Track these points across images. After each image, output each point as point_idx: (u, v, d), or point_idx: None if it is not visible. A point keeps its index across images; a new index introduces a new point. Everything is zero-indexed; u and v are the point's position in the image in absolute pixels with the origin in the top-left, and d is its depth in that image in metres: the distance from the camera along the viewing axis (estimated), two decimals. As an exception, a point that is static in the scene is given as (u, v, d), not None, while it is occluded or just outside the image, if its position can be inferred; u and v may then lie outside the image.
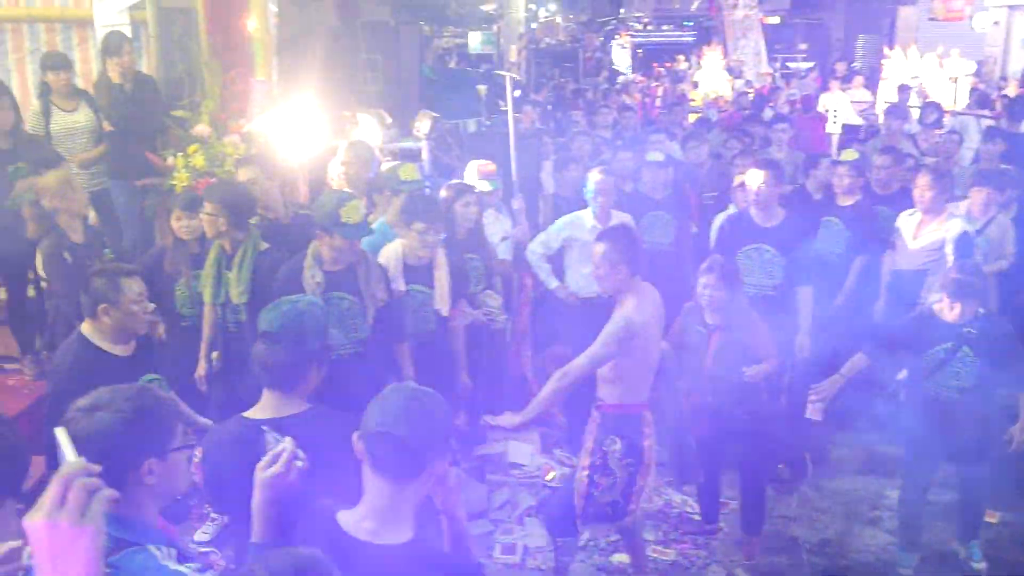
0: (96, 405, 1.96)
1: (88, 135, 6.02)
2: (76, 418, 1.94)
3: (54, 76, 5.86)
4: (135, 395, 2.01)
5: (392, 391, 2.12)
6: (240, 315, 4.51)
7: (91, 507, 1.40)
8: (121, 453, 1.91)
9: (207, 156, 5.84)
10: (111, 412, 1.95)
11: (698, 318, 4.67)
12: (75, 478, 1.40)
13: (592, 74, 19.74)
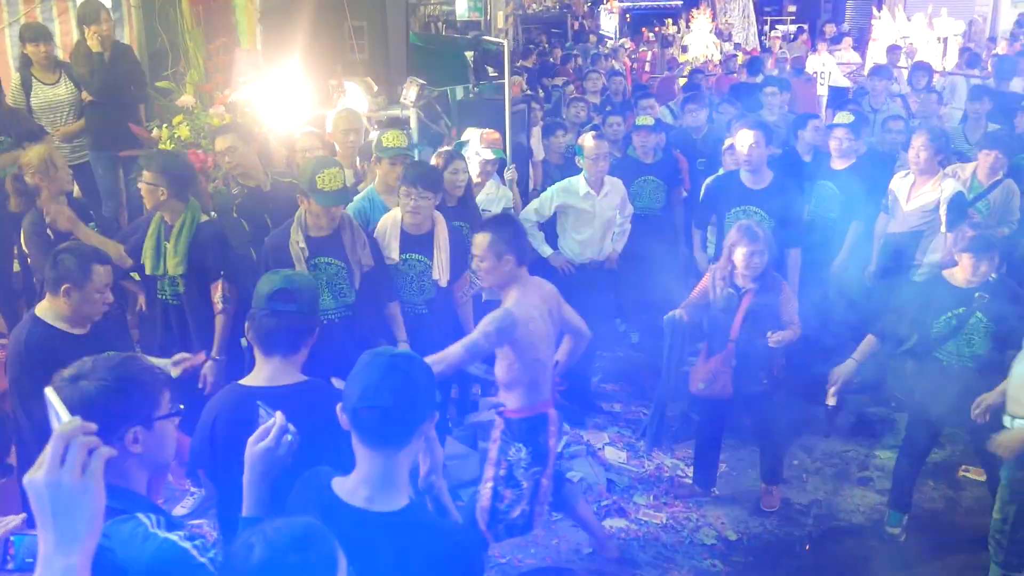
0: (79, 375, 1.96)
1: (70, 108, 5.95)
2: (60, 387, 1.92)
3: (34, 48, 5.78)
4: (119, 364, 2.00)
5: (370, 360, 2.08)
6: (178, 287, 4.48)
7: (91, 464, 1.41)
8: (105, 422, 1.87)
9: (192, 127, 5.77)
10: (93, 381, 1.95)
11: (728, 280, 4.70)
12: (74, 436, 1.40)
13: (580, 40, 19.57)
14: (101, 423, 1.86)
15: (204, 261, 4.38)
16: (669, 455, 5.64)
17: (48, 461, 1.38)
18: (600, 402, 6.28)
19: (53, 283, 3.51)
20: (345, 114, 5.64)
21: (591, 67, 11.21)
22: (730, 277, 4.72)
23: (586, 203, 5.83)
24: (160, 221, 4.47)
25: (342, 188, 4.17)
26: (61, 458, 1.38)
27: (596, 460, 5.46)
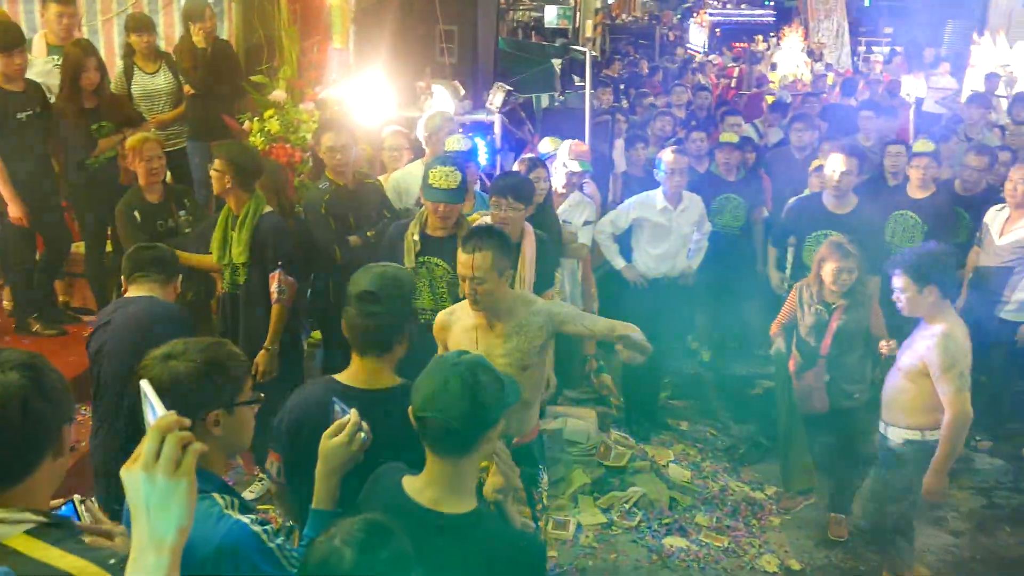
0: (171, 354, 2.03)
1: (167, 97, 6.14)
2: (150, 365, 2.00)
3: (137, 38, 5.98)
4: (208, 347, 2.06)
5: (435, 365, 2.09)
6: (239, 276, 4.56)
7: (184, 460, 1.43)
8: (191, 402, 1.96)
9: (282, 121, 5.92)
10: (184, 361, 2.01)
11: (817, 297, 4.70)
12: (170, 431, 1.43)
13: (668, 52, 19.45)
14: (187, 403, 1.93)
15: (264, 251, 4.49)
16: (735, 477, 5.56)
17: (144, 455, 1.41)
18: (667, 418, 6.22)
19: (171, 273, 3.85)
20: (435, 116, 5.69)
21: (677, 81, 11.14)
22: (819, 293, 4.70)
23: (662, 217, 5.79)
24: (228, 211, 4.60)
25: (450, 188, 4.05)
26: (157, 452, 1.41)
27: (660, 477, 5.40)
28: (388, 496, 2.10)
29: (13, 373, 1.59)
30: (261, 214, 4.52)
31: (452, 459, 2.05)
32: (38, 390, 1.61)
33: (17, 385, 1.58)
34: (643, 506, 5.06)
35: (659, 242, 5.87)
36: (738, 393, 6.67)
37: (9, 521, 1.57)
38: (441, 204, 4.08)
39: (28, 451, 1.62)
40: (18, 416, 1.58)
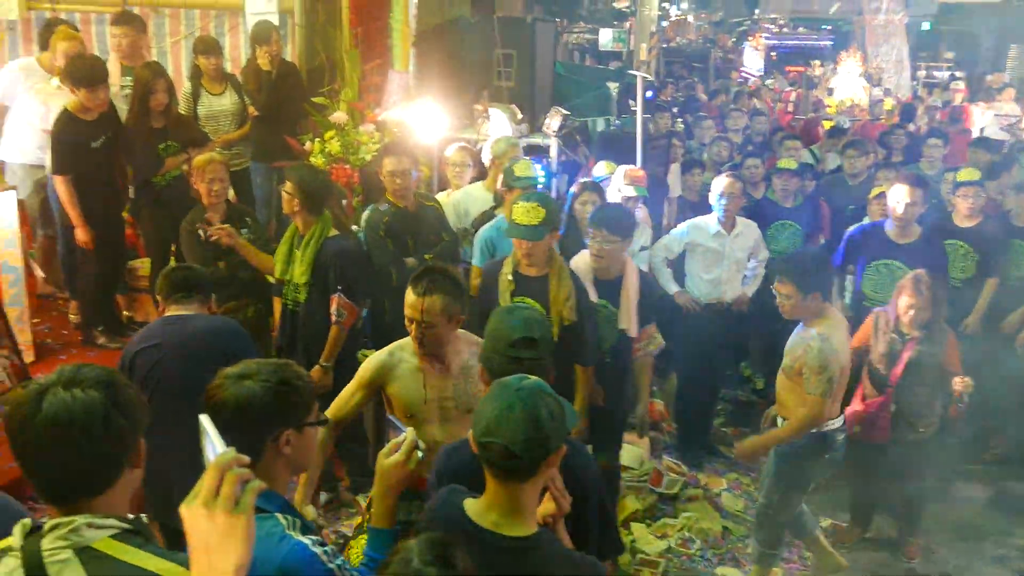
0: (244, 374, 2.07)
1: (232, 117, 6.30)
2: (224, 384, 2.05)
3: (205, 60, 6.15)
4: (279, 368, 2.11)
5: (497, 391, 2.08)
6: (300, 294, 4.62)
7: (243, 498, 1.44)
8: (264, 420, 2.02)
9: (342, 143, 6.03)
10: (258, 381, 2.06)
11: (891, 326, 4.68)
12: (229, 468, 1.44)
13: (723, 76, 19.37)
14: (261, 422, 1.98)
15: (326, 273, 4.55)
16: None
17: (204, 492, 1.43)
18: (720, 446, 6.16)
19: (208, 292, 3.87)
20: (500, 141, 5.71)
21: (733, 105, 11.08)
22: (895, 322, 4.66)
23: (715, 243, 5.76)
24: (295, 229, 4.67)
25: (530, 225, 3.90)
26: (216, 489, 1.43)
27: (713, 506, 5.34)
28: (451, 519, 2.12)
29: (93, 391, 1.66)
30: (327, 237, 4.59)
31: (514, 484, 2.06)
32: (117, 406, 1.68)
33: (99, 402, 1.65)
34: (697, 534, 5.00)
35: (712, 267, 5.83)
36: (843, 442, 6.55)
37: (96, 526, 1.66)
38: (523, 241, 3.97)
39: (110, 464, 1.70)
40: (100, 431, 1.65)
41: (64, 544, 1.63)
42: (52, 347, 5.71)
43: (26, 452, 1.66)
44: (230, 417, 2.00)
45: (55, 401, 1.63)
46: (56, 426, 1.62)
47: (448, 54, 7.36)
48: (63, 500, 1.69)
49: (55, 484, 1.69)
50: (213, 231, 4.82)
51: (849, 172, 7.19)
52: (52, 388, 1.65)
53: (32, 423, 1.63)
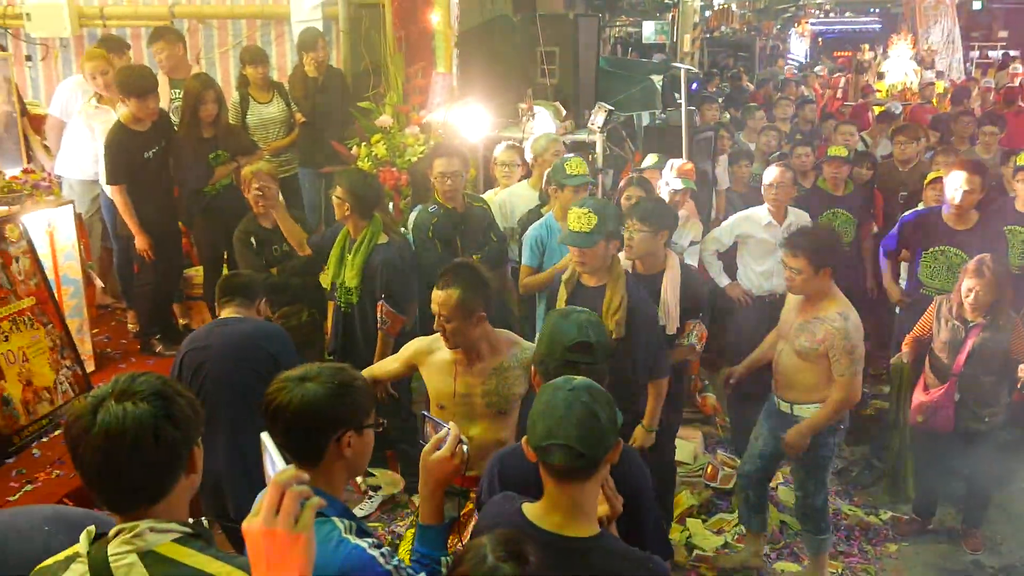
0: (305, 376, 2.07)
1: (280, 125, 6.38)
2: (286, 387, 2.05)
3: (252, 70, 6.24)
4: (339, 370, 2.12)
5: (552, 393, 2.08)
6: (352, 297, 4.69)
7: (303, 515, 1.45)
8: (327, 422, 2.03)
9: (388, 146, 6.08)
10: (320, 383, 2.06)
11: (955, 313, 4.61)
12: (288, 486, 1.45)
13: (769, 64, 19.10)
14: (323, 424, 2.00)
15: (373, 280, 4.62)
16: (847, 501, 5.40)
17: (264, 510, 1.44)
18: (775, 440, 6.07)
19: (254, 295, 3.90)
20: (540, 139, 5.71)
21: (780, 94, 10.93)
22: (958, 309, 4.59)
23: (767, 234, 5.69)
24: (346, 234, 4.74)
25: (581, 232, 3.86)
26: (276, 507, 1.44)
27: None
28: (511, 524, 2.11)
29: (144, 404, 1.69)
30: (376, 244, 4.64)
31: (576, 484, 2.06)
32: (169, 419, 1.71)
33: (149, 415, 1.69)
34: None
35: (764, 259, 5.76)
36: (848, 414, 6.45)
37: (159, 530, 1.71)
38: (576, 249, 3.93)
39: (163, 475, 1.74)
40: (151, 445, 1.68)
41: (129, 548, 1.68)
42: (112, 356, 5.84)
43: (84, 463, 1.70)
44: (292, 419, 2.02)
45: (107, 415, 1.67)
46: (109, 439, 1.66)
47: (491, 54, 7.37)
48: (123, 508, 1.74)
49: (113, 494, 1.74)
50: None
51: (900, 158, 7.06)
52: (106, 401, 1.69)
53: (88, 436, 1.67)
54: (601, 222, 3.82)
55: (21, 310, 4.78)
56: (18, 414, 4.62)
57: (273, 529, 1.42)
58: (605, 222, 3.84)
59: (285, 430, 2.03)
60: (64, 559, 1.77)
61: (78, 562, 1.73)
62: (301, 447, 2.05)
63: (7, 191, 4.86)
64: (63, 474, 4.36)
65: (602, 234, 3.84)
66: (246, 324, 3.91)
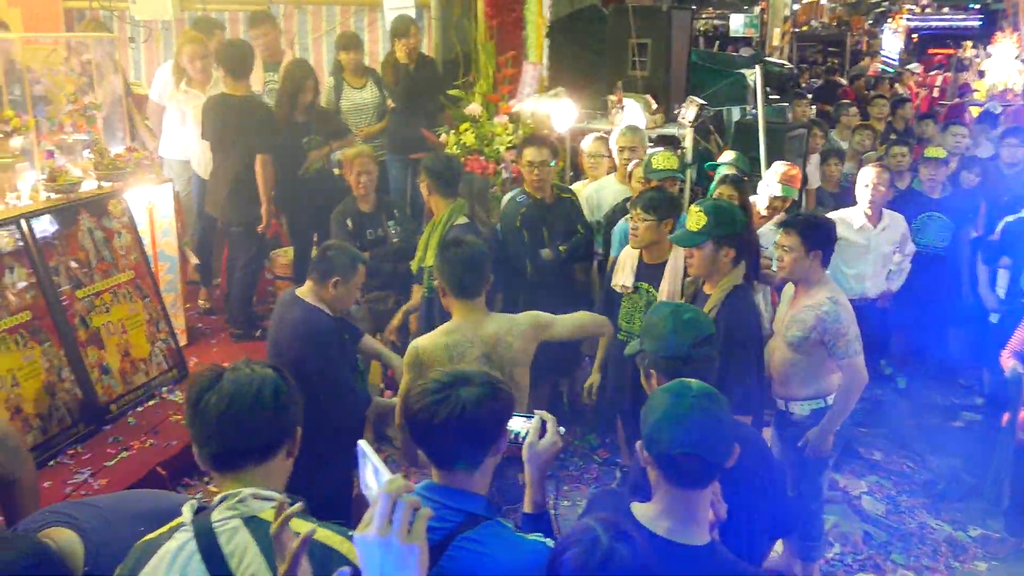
0: (455, 382, 1.99)
1: (373, 111, 6.47)
2: (445, 394, 1.96)
3: (346, 55, 6.33)
4: (478, 370, 2.07)
5: (674, 400, 2.04)
6: (434, 279, 4.66)
7: (416, 525, 1.42)
8: (488, 427, 2.00)
9: (477, 134, 6.10)
10: (476, 388, 1.99)
11: None
12: (399, 496, 1.42)
13: (858, 61, 18.59)
14: (497, 422, 2.00)
15: None
16: (934, 515, 5.24)
17: (377, 520, 1.41)
18: (858, 447, 5.94)
19: (324, 274, 3.76)
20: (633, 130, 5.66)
21: (874, 91, 10.64)
22: None
23: (860, 236, 5.55)
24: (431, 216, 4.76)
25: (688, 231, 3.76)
26: (389, 517, 1.41)
27: (852, 509, 5.17)
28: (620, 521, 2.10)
29: (270, 371, 1.90)
30: (453, 223, 4.65)
31: (695, 492, 2.04)
32: (288, 389, 1.91)
33: (273, 378, 1.89)
34: (836, 538, 4.85)
35: (856, 262, 5.63)
36: (938, 424, 6.28)
37: (261, 497, 1.80)
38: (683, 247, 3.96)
39: (272, 437, 1.88)
40: (271, 402, 1.85)
41: (233, 513, 1.77)
42: (203, 331, 6.01)
43: (206, 414, 1.83)
44: (467, 424, 1.94)
45: (236, 373, 1.87)
46: (237, 388, 1.83)
47: (580, 44, 7.33)
48: (230, 465, 1.85)
49: (224, 447, 1.84)
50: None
51: (1007, 161, 6.79)
52: (233, 368, 1.89)
53: (215, 387, 1.84)
54: (710, 224, 3.65)
55: (121, 283, 4.96)
56: (116, 383, 4.80)
57: (387, 540, 1.41)
58: (716, 225, 3.65)
59: (453, 437, 1.96)
60: (167, 530, 1.85)
61: (183, 531, 1.80)
62: (465, 453, 2.00)
63: (112, 168, 5.02)
64: (156, 443, 4.52)
65: (709, 235, 3.65)
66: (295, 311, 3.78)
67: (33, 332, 4.37)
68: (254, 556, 1.74)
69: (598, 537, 1.74)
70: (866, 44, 21.46)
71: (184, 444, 4.50)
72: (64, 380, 4.48)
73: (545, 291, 5.02)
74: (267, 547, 1.70)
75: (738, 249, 3.69)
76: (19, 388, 4.22)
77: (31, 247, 4.46)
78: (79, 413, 4.53)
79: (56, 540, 2.16)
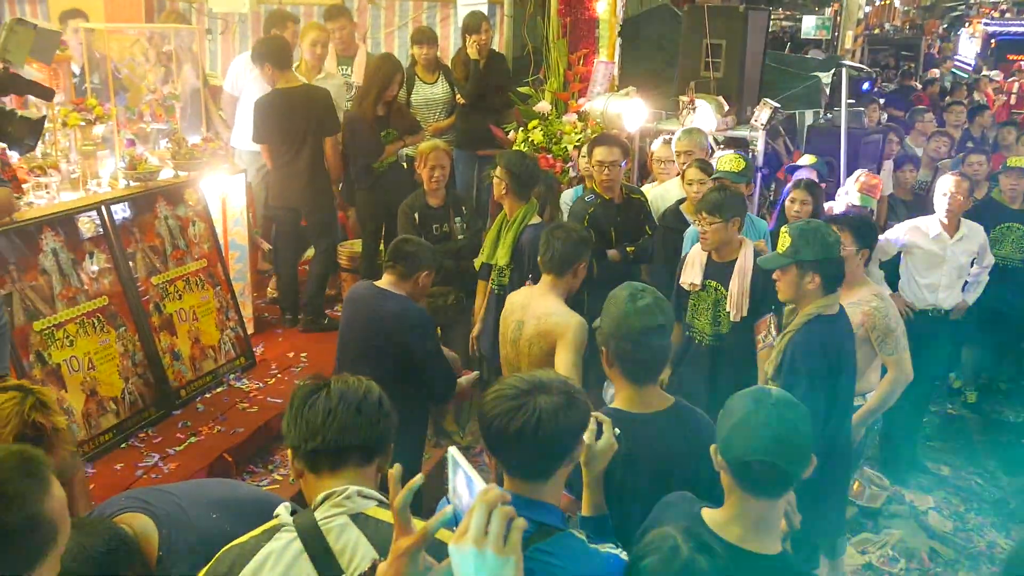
0: (532, 389, 1.92)
1: (443, 106, 6.49)
2: (522, 403, 1.89)
3: (420, 50, 6.37)
4: (555, 378, 1.98)
5: (753, 406, 2.00)
6: (504, 278, 4.70)
7: (511, 536, 1.40)
8: (564, 438, 1.92)
9: (545, 132, 6.09)
10: (554, 396, 1.91)
11: None
12: (495, 505, 1.40)
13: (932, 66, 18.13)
14: (572, 434, 1.93)
15: (522, 258, 4.62)
16: (1004, 534, 5.10)
17: (473, 529, 1.39)
18: (927, 461, 5.80)
19: (412, 268, 3.86)
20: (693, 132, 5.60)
21: (951, 98, 10.37)
22: None
23: (935, 245, 5.43)
24: (504, 215, 4.77)
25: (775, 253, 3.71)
26: (485, 527, 1.39)
27: (919, 524, 5.05)
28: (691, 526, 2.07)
29: (371, 382, 1.96)
30: (528, 223, 4.66)
31: (769, 500, 2.01)
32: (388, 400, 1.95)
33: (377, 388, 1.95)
34: (901, 553, 4.75)
35: (929, 271, 5.51)
36: (1009, 441, 6.11)
37: (366, 495, 1.83)
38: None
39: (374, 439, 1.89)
40: (375, 406, 1.90)
41: (340, 511, 1.78)
42: (269, 320, 6.10)
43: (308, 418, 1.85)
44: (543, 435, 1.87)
45: (342, 382, 1.91)
46: (345, 392, 1.88)
47: (652, 43, 7.27)
48: (329, 464, 1.85)
49: (328, 445, 1.84)
50: None
51: None
52: (338, 378, 1.93)
53: (320, 393, 1.88)
54: (794, 247, 3.51)
55: (194, 271, 5.05)
56: (186, 369, 4.89)
57: (483, 550, 1.38)
58: (800, 249, 3.49)
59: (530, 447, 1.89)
60: (263, 532, 1.83)
61: (284, 531, 1.79)
62: (540, 463, 1.94)
63: (189, 158, 5.12)
64: (224, 430, 4.58)
65: (792, 259, 3.52)
66: (387, 304, 3.86)
67: (109, 317, 4.47)
68: (366, 552, 1.73)
69: (678, 547, 1.73)
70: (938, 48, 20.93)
71: (250, 432, 4.57)
72: (138, 365, 4.58)
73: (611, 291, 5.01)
74: (379, 543, 1.71)
75: (827, 276, 3.50)
76: (95, 371, 4.33)
77: (110, 233, 4.56)
78: (151, 397, 4.63)
79: (132, 525, 2.22)
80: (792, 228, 3.57)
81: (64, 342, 4.18)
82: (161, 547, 2.21)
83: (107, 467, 4.16)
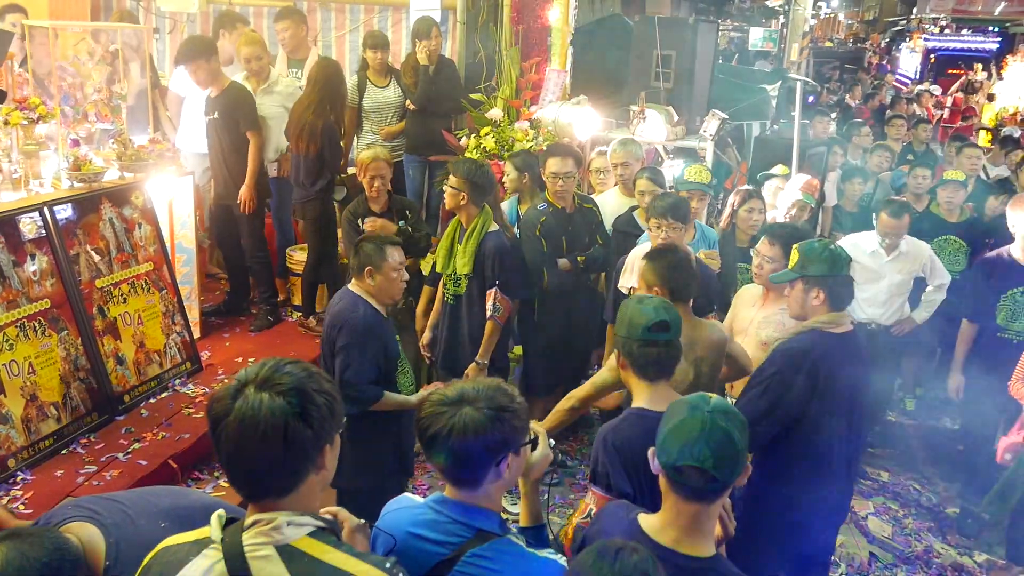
0: (463, 399, 1.96)
1: (395, 110, 6.49)
2: (445, 412, 1.94)
3: (372, 54, 6.35)
4: (497, 391, 2.01)
5: (688, 412, 2.05)
6: (460, 287, 4.69)
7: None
8: (489, 449, 1.94)
9: (497, 139, 6.11)
10: (479, 408, 1.94)
11: None
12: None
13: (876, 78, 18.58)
14: (489, 449, 1.93)
15: (484, 267, 4.62)
16: (940, 539, 5.23)
17: None
18: (866, 468, 5.93)
19: (358, 269, 3.83)
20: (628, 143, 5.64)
21: (891, 111, 10.63)
22: None
23: (872, 261, 5.54)
24: (457, 224, 4.76)
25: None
26: None
27: (858, 529, 5.16)
28: (625, 530, 2.11)
29: (280, 398, 1.66)
30: (487, 231, 4.66)
31: (701, 505, 2.04)
32: (302, 417, 1.66)
33: (282, 412, 1.64)
34: (841, 558, 4.85)
35: (868, 286, 5.59)
36: (947, 448, 6.27)
37: (295, 524, 1.68)
38: None
39: (289, 472, 1.70)
40: (279, 442, 1.64)
41: (265, 540, 1.66)
42: (216, 324, 6.02)
43: (220, 446, 1.69)
44: (456, 446, 1.92)
45: (244, 403, 1.65)
46: (242, 428, 1.64)
47: (603, 53, 7.33)
48: (253, 496, 1.72)
49: (243, 481, 1.72)
50: (368, 223, 4.98)
51: None
52: (247, 387, 1.68)
53: (225, 421, 1.66)
54: (800, 263, 3.47)
55: (140, 274, 4.96)
56: (130, 374, 4.81)
57: None
58: (805, 264, 3.44)
59: (447, 455, 1.94)
60: (194, 542, 1.75)
61: (212, 548, 1.70)
62: (460, 472, 1.98)
63: (135, 159, 5.03)
64: (168, 436, 4.52)
65: (798, 274, 3.47)
66: (337, 303, 3.91)
67: (51, 320, 4.38)
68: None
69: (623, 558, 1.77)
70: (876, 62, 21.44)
71: (196, 437, 4.51)
72: (80, 369, 4.49)
73: (561, 300, 5.05)
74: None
75: (832, 292, 3.42)
76: (36, 376, 4.23)
77: (52, 235, 4.47)
78: (93, 403, 4.54)
79: (78, 535, 2.16)
80: (802, 245, 3.55)
81: (3, 345, 4.08)
82: (108, 557, 2.15)
83: (47, 474, 4.07)
